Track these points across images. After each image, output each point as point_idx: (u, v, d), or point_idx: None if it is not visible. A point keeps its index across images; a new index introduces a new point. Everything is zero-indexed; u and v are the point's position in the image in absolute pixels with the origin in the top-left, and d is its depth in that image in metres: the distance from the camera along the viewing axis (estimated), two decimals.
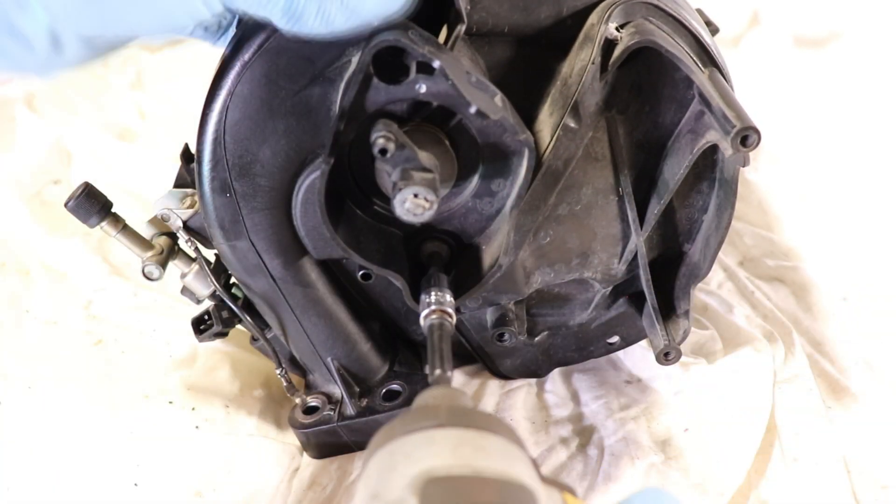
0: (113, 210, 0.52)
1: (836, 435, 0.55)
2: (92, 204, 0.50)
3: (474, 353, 0.62)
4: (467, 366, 0.65)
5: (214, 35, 0.43)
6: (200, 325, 0.58)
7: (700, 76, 0.43)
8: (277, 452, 0.60)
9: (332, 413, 0.57)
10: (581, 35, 0.46)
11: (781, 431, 0.56)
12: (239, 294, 0.55)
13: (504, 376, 0.64)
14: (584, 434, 0.59)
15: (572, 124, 0.44)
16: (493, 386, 0.64)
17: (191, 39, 0.43)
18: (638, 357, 0.64)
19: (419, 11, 0.39)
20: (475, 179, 0.46)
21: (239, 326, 0.58)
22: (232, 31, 0.44)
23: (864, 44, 1.02)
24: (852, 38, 1.04)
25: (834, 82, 0.97)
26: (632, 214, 0.50)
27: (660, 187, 0.49)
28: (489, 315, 0.57)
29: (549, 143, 0.45)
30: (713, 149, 0.47)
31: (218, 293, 0.54)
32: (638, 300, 0.57)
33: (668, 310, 0.55)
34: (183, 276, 0.54)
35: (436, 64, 0.39)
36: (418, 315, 0.45)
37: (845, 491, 0.51)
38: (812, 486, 0.52)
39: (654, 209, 0.50)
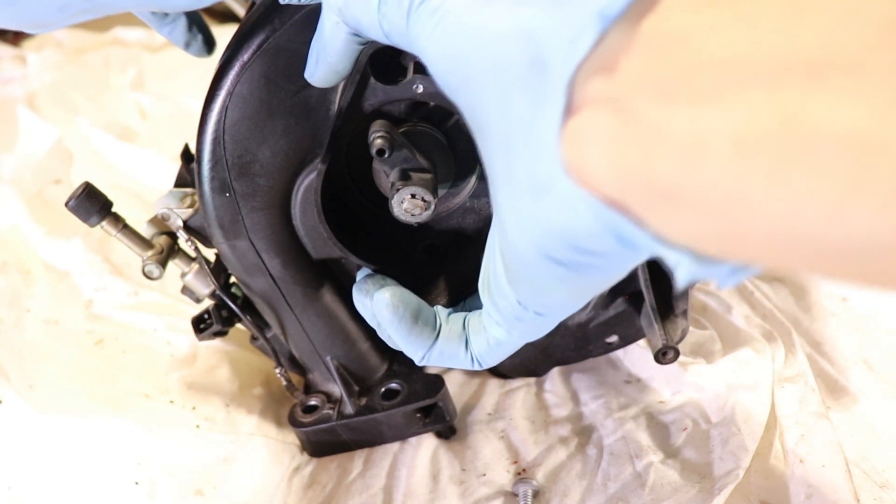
0: (113, 209, 0.52)
1: (836, 435, 0.55)
2: (92, 203, 0.50)
3: None
4: None
5: (160, 21, 0.45)
6: (200, 324, 0.58)
7: None
8: (277, 451, 0.60)
9: (331, 412, 0.58)
10: None
11: (782, 431, 0.56)
12: (238, 293, 0.56)
13: (503, 375, 0.64)
14: (584, 433, 0.59)
15: None
16: (493, 385, 0.64)
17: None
18: (637, 357, 0.64)
19: None
20: (473, 180, 0.47)
21: (239, 325, 0.58)
22: (180, 23, 0.45)
23: None
24: None
25: None
26: None
27: None
28: None
29: None
30: None
31: (217, 292, 0.54)
32: (636, 299, 0.57)
33: (667, 309, 0.55)
34: (183, 275, 0.55)
35: None
36: None
37: (846, 491, 0.51)
38: (812, 487, 0.52)
39: None
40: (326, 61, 0.35)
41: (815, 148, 0.16)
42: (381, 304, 0.39)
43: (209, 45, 0.50)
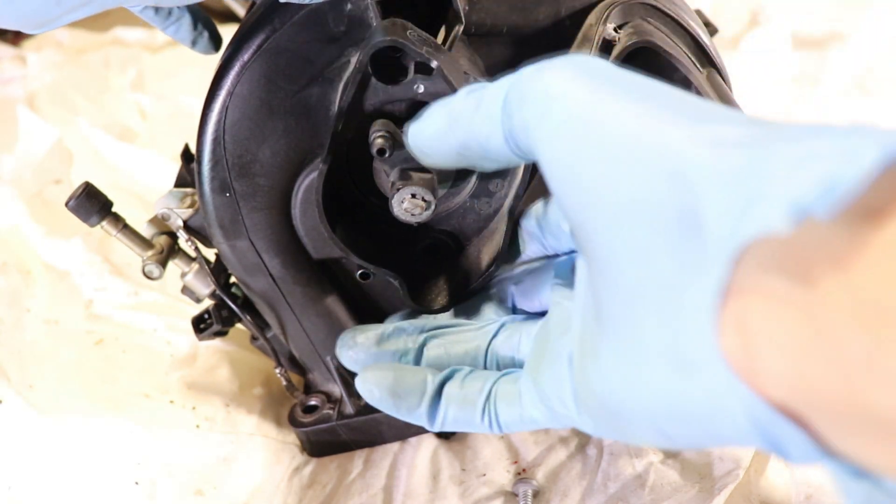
0: (113, 209, 0.52)
1: None
2: (92, 203, 0.50)
3: None
4: None
5: (164, 20, 0.45)
6: (200, 324, 0.58)
7: (698, 77, 0.43)
8: (278, 451, 0.60)
9: (331, 412, 0.58)
10: (579, 36, 0.46)
11: None
12: (238, 293, 0.56)
13: None
14: (584, 434, 0.59)
15: None
16: None
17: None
18: None
19: (418, 12, 0.39)
20: (473, 180, 0.47)
21: (239, 325, 0.58)
22: (185, 21, 0.45)
23: (864, 44, 1.02)
24: (853, 38, 1.04)
25: (834, 83, 0.97)
26: None
27: None
28: None
29: None
30: None
31: (217, 292, 0.54)
32: None
33: None
34: (183, 275, 0.55)
35: (434, 64, 0.39)
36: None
37: None
38: (812, 487, 0.52)
39: None
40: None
41: None
42: (359, 387, 0.38)
43: (216, 41, 0.49)
